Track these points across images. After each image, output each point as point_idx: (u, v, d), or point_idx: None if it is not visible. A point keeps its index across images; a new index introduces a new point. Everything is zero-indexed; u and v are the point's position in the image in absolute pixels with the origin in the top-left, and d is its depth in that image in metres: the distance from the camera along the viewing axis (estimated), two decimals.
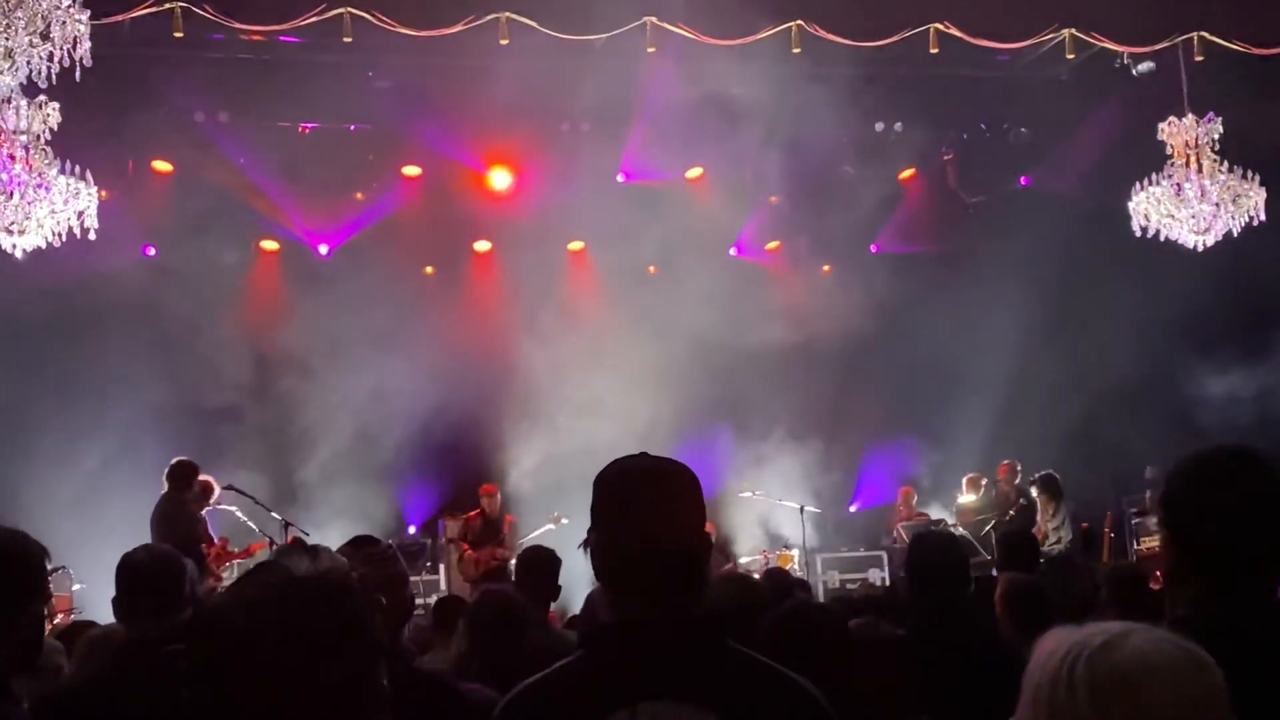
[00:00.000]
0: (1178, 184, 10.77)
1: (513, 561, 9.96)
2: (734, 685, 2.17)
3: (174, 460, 9.82)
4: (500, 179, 13.24)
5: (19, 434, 11.73)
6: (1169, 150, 10.92)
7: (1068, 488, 11.57)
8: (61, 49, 8.26)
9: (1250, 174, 10.77)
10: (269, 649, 1.51)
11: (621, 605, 2.26)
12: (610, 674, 2.19)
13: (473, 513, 12.06)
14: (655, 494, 2.26)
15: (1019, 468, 12.22)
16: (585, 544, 2.29)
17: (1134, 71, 12.18)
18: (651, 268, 14.85)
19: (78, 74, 8.36)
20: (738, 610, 3.51)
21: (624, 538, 2.24)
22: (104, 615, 4.52)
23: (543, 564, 5.70)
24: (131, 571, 3.71)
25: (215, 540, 10.14)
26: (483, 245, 14.39)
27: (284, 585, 1.57)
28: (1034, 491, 11.42)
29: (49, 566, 3.42)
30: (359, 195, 13.27)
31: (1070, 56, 11.73)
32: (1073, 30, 11.60)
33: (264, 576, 1.61)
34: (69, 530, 9.84)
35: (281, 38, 11.20)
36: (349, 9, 10.57)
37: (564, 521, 11.72)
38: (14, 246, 9.50)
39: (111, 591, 3.70)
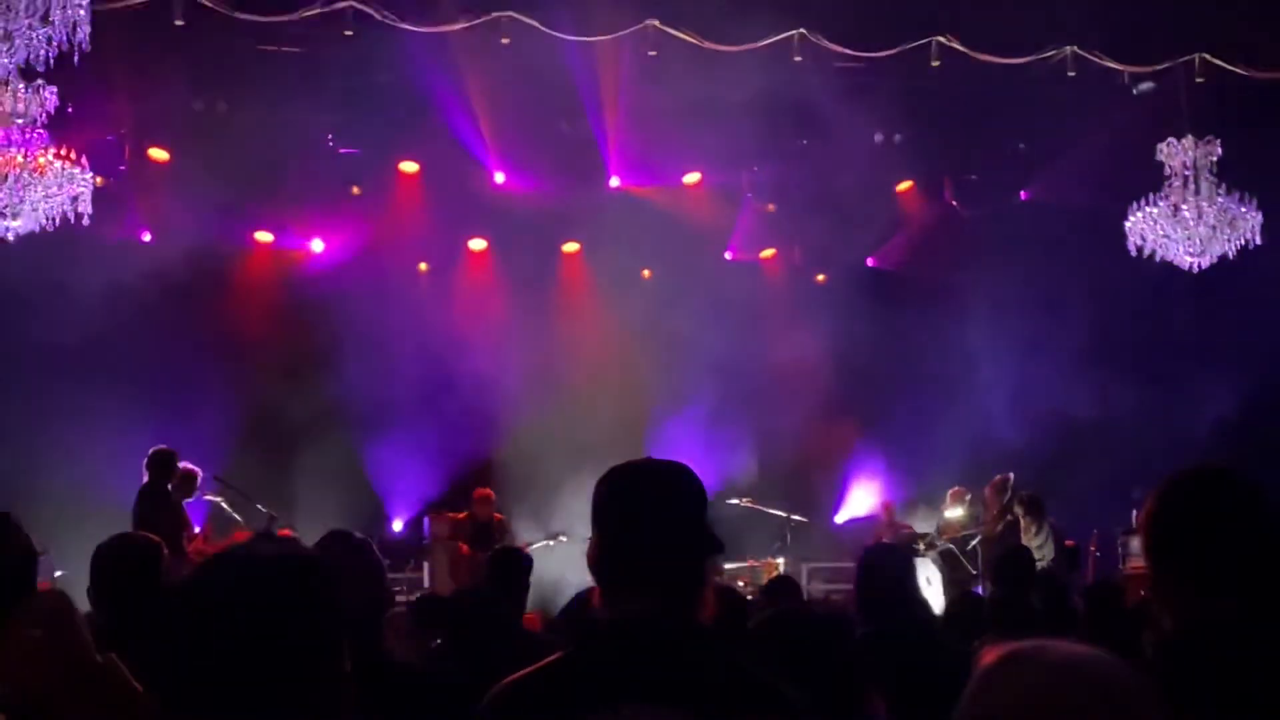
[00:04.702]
0: (1175, 204, 10.77)
1: None
2: (718, 693, 2.15)
3: (154, 449, 9.76)
4: (497, 178, 13.22)
5: (7, 420, 11.68)
6: (1167, 171, 10.93)
7: (1052, 506, 11.52)
8: (61, 33, 8.25)
9: (1247, 197, 10.77)
10: (228, 626, 1.50)
11: (617, 605, 2.25)
12: (595, 674, 2.18)
13: (463, 514, 11.86)
14: (657, 496, 2.27)
15: (1006, 484, 12.15)
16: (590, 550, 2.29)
17: (1134, 91, 12.19)
18: (646, 271, 14.85)
19: (76, 59, 8.34)
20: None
21: (624, 538, 2.25)
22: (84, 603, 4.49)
23: (513, 565, 5.69)
24: (104, 559, 3.70)
25: (197, 530, 10.07)
26: (478, 244, 14.36)
27: (245, 564, 1.56)
28: (1018, 509, 11.36)
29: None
30: (355, 190, 13.23)
31: (1072, 74, 11.75)
32: (1075, 48, 11.63)
33: (225, 558, 1.60)
34: (51, 516, 9.78)
35: (284, 29, 11.19)
36: (353, 3, 10.58)
37: (563, 539, 11.59)
38: (6, 230, 9.48)
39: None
